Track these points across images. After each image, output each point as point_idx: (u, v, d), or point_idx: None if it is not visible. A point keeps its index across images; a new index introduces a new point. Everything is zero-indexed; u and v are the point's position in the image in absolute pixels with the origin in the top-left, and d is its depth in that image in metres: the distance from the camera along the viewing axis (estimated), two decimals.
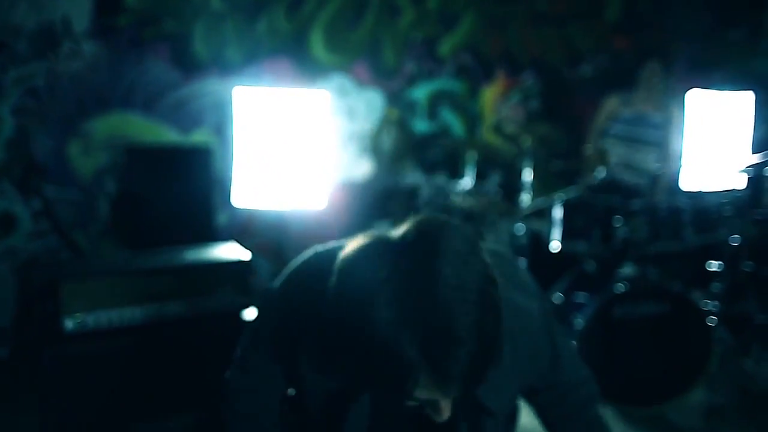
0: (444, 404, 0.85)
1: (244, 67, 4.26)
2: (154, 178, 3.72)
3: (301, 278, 1.02)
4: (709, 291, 3.23)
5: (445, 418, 0.87)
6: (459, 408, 0.98)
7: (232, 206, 3.59)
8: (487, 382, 0.95)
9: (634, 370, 2.77)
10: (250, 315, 2.15)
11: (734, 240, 3.21)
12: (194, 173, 3.80)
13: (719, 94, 3.97)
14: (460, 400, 0.94)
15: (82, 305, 1.87)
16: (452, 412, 0.93)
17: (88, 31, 3.81)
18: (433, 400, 0.84)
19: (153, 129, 4.09)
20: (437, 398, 0.83)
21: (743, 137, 4.00)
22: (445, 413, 0.86)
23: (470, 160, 4.05)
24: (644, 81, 3.52)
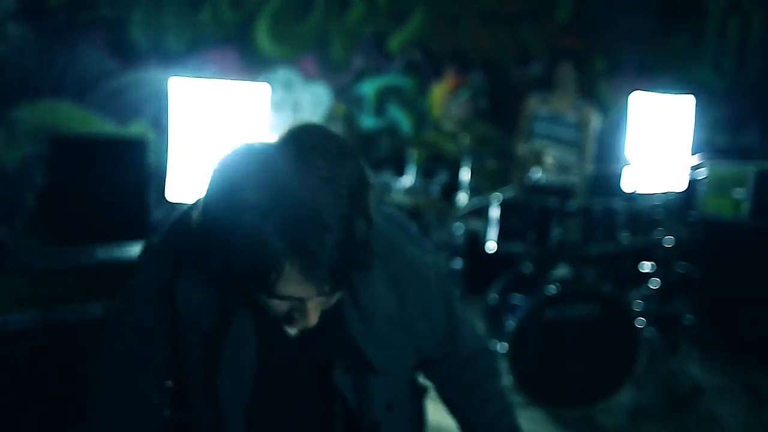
0: (311, 306, 0.81)
1: (185, 57, 4.12)
2: (85, 171, 3.54)
3: (179, 225, 0.95)
4: (641, 292, 3.28)
5: (312, 324, 0.83)
6: (339, 356, 0.94)
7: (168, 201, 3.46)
8: (371, 333, 0.93)
9: (565, 371, 2.79)
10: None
11: (667, 242, 3.27)
12: (128, 166, 3.65)
13: (662, 97, 4.05)
14: (339, 348, 0.93)
15: None
16: (334, 368, 0.91)
17: (14, 11, 3.61)
18: (300, 301, 0.80)
19: (87, 119, 3.91)
20: (304, 296, 0.79)
21: (683, 140, 4.09)
22: (312, 317, 0.82)
23: (414, 157, 4.01)
24: (559, 81, 3.55)
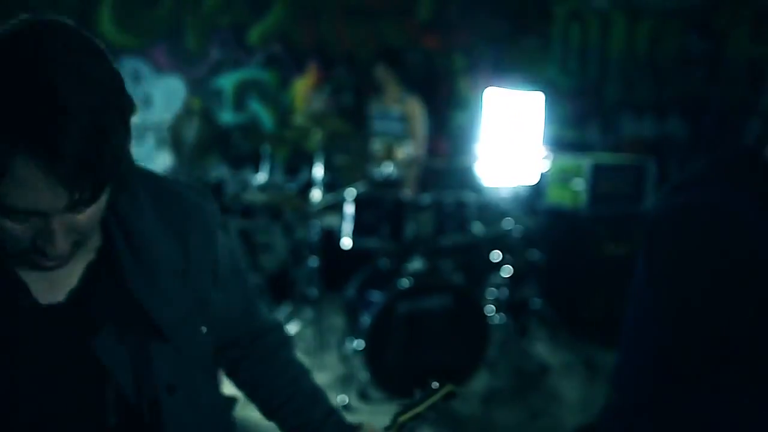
0: (57, 226, 0.66)
1: None
2: None
3: None
4: (493, 280, 3.43)
5: (60, 252, 0.69)
6: (113, 318, 0.79)
7: None
8: (155, 288, 0.80)
9: (421, 363, 2.83)
10: None
11: (517, 231, 3.45)
12: None
13: (514, 93, 4.26)
14: (113, 308, 0.78)
15: None
16: (98, 338, 0.76)
17: None
18: (44, 218, 0.66)
19: None
20: (47, 207, 0.64)
21: (534, 135, 4.34)
22: (59, 242, 0.68)
23: (273, 154, 3.89)
24: (379, 81, 3.66)
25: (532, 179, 3.83)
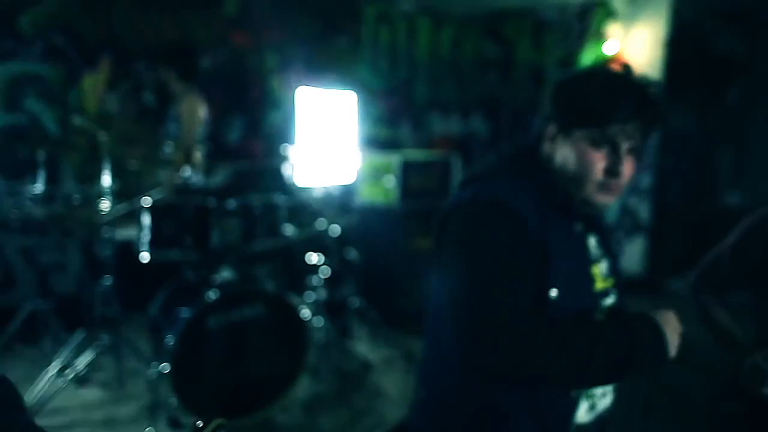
0: None
1: None
2: None
3: None
4: (311, 282, 3.37)
5: None
6: None
7: None
8: None
9: (237, 379, 2.66)
10: None
11: (332, 231, 3.42)
12: None
13: (326, 92, 4.23)
14: None
15: None
16: None
17: None
18: None
19: None
20: None
21: (348, 134, 4.36)
22: None
23: (55, 159, 3.39)
24: (165, 79, 3.42)
25: (346, 178, 3.84)
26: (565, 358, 1.02)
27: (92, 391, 2.94)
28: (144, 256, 2.63)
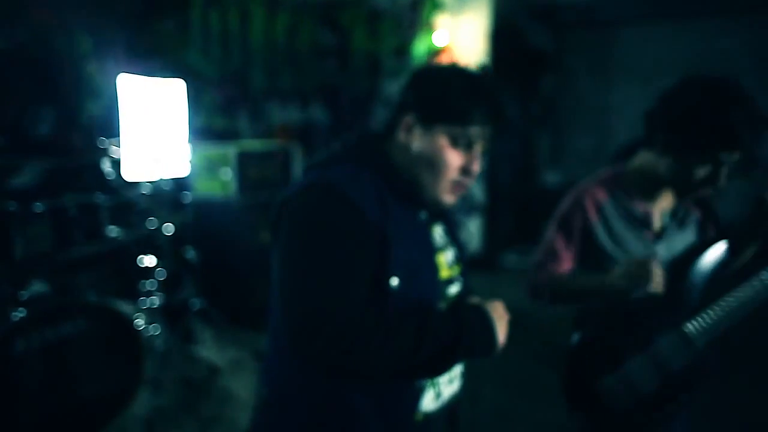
0: None
1: None
2: None
3: None
4: (145, 287, 3.07)
5: None
6: None
7: None
8: None
9: (61, 405, 2.32)
10: None
11: (166, 230, 3.14)
12: None
13: (152, 81, 3.87)
14: None
15: None
16: None
17: None
18: None
19: None
20: None
21: (179, 125, 4.04)
22: None
23: None
24: None
25: (178, 172, 3.55)
26: (391, 348, 1.00)
27: None
28: None
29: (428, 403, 1.16)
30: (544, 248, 1.58)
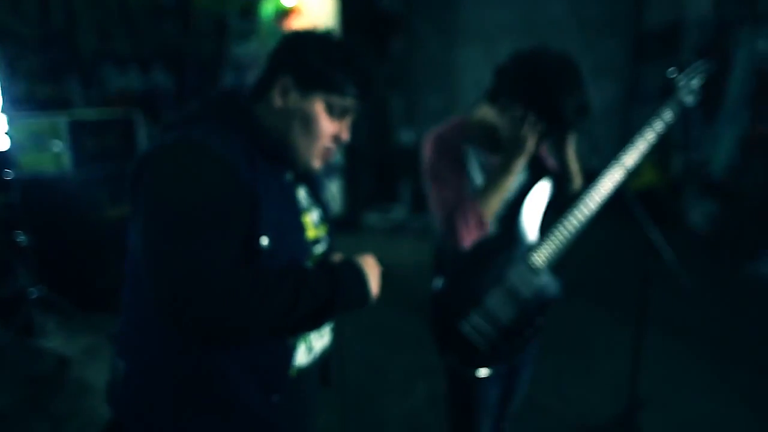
0: None
1: None
2: None
3: None
4: None
5: None
6: None
7: None
8: None
9: None
10: None
11: None
12: None
13: None
14: None
15: None
16: None
17: None
18: None
19: None
20: None
21: None
22: None
23: None
24: None
25: None
26: (268, 308, 0.98)
27: None
28: None
29: (301, 358, 1.16)
30: (442, 200, 1.58)
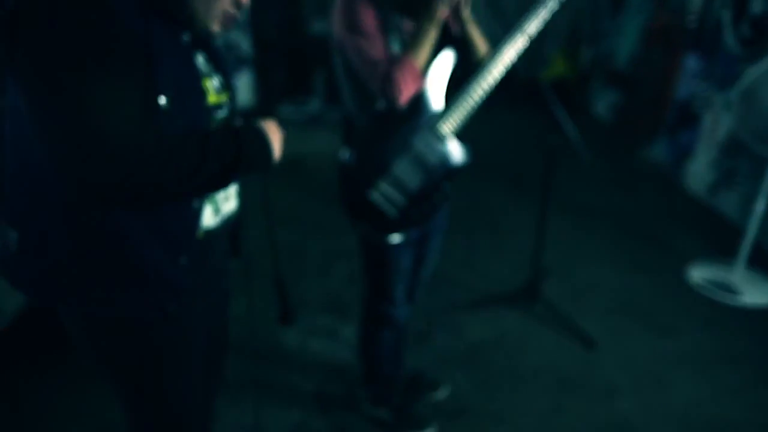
0: None
1: None
2: None
3: None
4: None
5: None
6: None
7: None
8: None
9: None
10: None
11: None
12: None
13: None
14: None
15: None
16: None
17: None
18: None
19: None
20: None
21: None
22: None
23: None
24: None
25: None
26: (173, 168, 0.97)
27: None
28: None
29: (208, 219, 1.18)
30: (371, 56, 1.54)
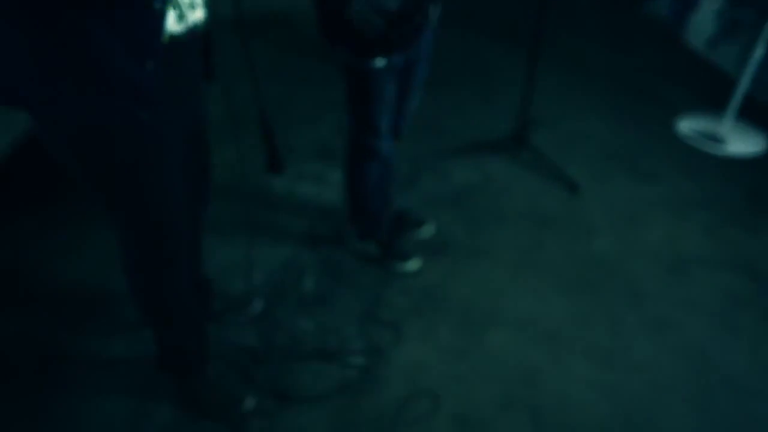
0: None
1: None
2: None
3: None
4: None
5: None
6: None
7: None
8: None
9: None
10: None
11: None
12: None
13: None
14: None
15: None
16: None
17: None
18: None
19: None
20: None
21: None
22: None
23: None
24: None
25: None
26: None
27: None
28: None
29: (172, 24, 1.17)
30: None
